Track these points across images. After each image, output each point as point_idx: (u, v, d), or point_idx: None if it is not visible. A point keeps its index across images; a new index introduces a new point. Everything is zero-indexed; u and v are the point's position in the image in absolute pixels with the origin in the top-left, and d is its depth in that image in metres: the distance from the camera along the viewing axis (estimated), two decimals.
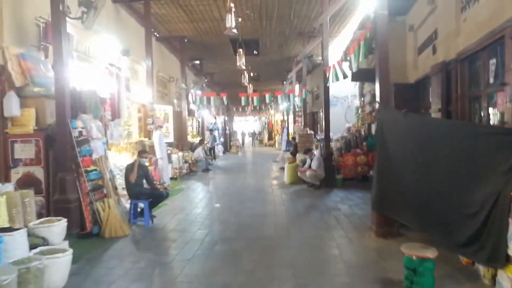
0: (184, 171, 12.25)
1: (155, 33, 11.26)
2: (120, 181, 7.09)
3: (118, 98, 9.23)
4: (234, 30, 7.64)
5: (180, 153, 12.12)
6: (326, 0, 9.63)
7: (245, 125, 45.94)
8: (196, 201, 8.45)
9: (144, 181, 6.46)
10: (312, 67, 18.56)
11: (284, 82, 23.35)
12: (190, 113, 18.09)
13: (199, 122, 18.99)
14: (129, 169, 6.31)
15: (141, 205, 6.37)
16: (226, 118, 27.89)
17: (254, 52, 16.17)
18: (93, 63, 8.21)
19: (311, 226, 6.05)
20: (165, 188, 9.51)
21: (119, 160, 8.15)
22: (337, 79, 7.80)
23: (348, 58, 7.57)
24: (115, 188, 6.37)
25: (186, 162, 12.56)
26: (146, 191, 6.32)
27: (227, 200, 8.50)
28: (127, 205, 6.50)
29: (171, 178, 11.17)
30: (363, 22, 9.22)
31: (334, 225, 6.06)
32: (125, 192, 6.59)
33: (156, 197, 6.39)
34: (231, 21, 7.61)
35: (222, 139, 23.17)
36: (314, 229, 5.84)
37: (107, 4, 9.00)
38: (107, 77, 8.68)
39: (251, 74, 21.16)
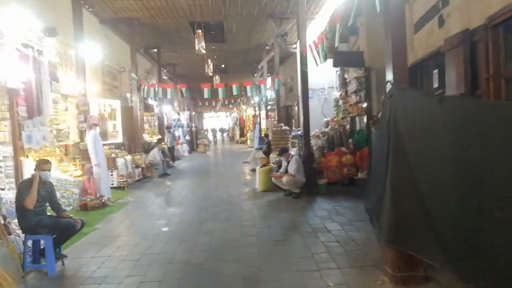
0: (133, 178, 10.11)
1: (87, 6, 9.03)
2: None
3: (39, 90, 7.15)
4: None
5: (129, 157, 9.96)
6: None
7: (216, 121, 44.14)
8: (138, 222, 6.43)
9: (48, 205, 4.42)
10: (284, 56, 16.80)
11: (255, 74, 21.52)
12: (148, 108, 15.96)
13: (159, 119, 16.84)
14: (23, 188, 4.20)
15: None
16: (192, 114, 25.74)
17: (219, 38, 14.20)
18: None
19: (293, 265, 4.18)
20: (103, 203, 7.47)
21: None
22: (324, 59, 6.15)
23: (328, 36, 5.95)
24: (4, 218, 4.30)
25: (137, 166, 10.45)
26: (47, 222, 4.25)
27: (181, 220, 6.50)
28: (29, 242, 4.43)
29: (118, 188, 9.11)
30: None
31: (325, 260, 4.23)
32: None
33: (63, 230, 4.33)
34: None
35: (187, 137, 21.04)
36: (297, 272, 3.97)
37: None
38: (18, 62, 6.57)
39: (219, 67, 19.22)
